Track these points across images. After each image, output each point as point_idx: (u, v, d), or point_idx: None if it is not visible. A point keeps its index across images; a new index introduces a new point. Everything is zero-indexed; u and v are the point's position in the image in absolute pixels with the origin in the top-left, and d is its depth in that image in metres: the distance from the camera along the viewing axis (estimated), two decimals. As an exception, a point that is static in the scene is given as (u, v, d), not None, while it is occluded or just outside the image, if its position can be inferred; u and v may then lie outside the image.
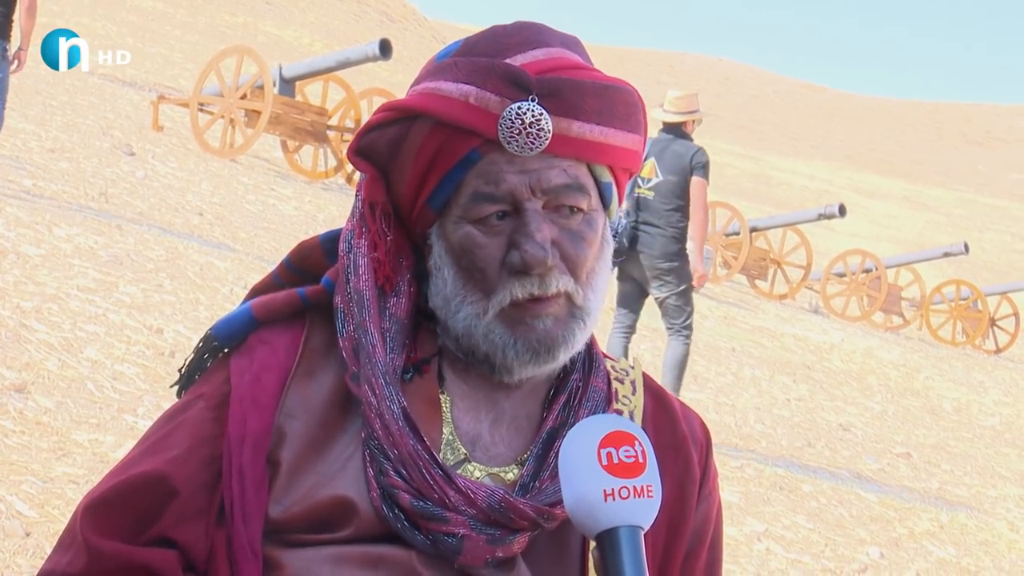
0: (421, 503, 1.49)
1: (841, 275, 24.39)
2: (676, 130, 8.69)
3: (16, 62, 9.79)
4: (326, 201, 15.72)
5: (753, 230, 23.41)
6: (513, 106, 1.49)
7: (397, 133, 1.55)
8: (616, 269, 7.89)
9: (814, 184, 65.41)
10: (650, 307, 9.08)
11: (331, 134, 17.48)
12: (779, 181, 64.22)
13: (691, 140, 8.71)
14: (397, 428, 1.50)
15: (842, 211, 22.90)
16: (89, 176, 11.66)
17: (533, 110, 1.49)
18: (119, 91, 20.23)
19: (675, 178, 8.55)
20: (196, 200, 12.39)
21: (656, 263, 8.52)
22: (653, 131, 8.44)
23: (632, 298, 8.84)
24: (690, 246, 8.63)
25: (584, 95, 1.51)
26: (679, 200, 8.54)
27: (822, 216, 23.22)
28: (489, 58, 1.52)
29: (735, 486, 7.88)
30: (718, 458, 8.45)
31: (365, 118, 18.03)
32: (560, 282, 1.53)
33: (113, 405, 5.66)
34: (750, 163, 69.46)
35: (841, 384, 14.62)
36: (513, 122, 1.49)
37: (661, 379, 8.59)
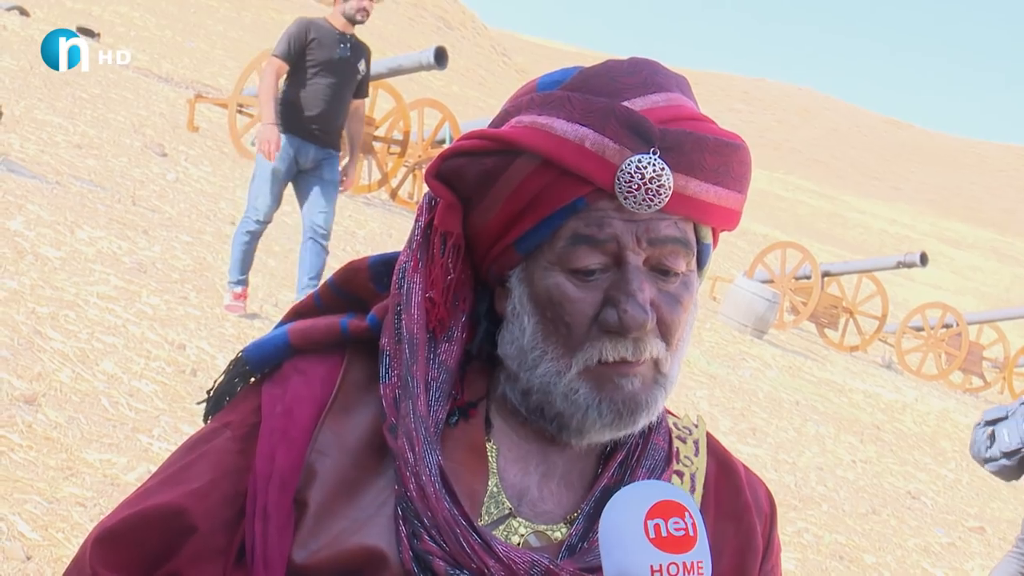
0: (457, 572, 1.46)
1: (919, 329, 24.23)
2: None
3: (344, 179, 8.93)
4: (367, 217, 15.77)
5: (825, 275, 23.32)
6: (633, 158, 1.46)
7: (494, 165, 1.51)
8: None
9: (894, 229, 65.15)
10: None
11: (377, 145, 17.54)
12: (856, 223, 64.00)
13: None
14: (433, 491, 1.48)
15: (923, 260, 22.79)
16: (117, 176, 11.75)
17: (655, 164, 1.46)
18: (154, 86, 20.37)
19: None
20: (229, 208, 12.45)
21: None
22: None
23: None
24: None
25: (704, 151, 1.49)
26: None
27: (901, 264, 23.12)
28: (607, 98, 1.49)
29: (792, 552, 7.81)
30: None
31: (415, 130, 18.11)
32: (654, 348, 1.50)
33: (127, 424, 5.68)
34: (826, 202, 69.28)
35: (912, 448, 14.50)
36: (632, 176, 1.46)
37: None
